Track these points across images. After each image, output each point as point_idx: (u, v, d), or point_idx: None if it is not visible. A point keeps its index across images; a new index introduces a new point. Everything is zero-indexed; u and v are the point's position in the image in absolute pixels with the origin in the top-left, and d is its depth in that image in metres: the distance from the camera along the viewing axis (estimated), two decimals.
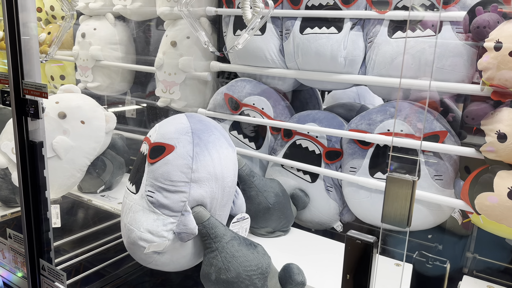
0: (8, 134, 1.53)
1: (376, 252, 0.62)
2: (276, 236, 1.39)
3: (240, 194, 1.25)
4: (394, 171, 1.21)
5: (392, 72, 1.25)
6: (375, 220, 1.33)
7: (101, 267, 1.37)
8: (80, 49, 1.97)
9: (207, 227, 1.05)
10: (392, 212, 0.59)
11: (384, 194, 0.60)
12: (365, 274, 0.63)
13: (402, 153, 1.24)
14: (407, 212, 0.57)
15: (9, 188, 1.60)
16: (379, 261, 0.63)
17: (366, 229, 1.42)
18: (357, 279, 0.64)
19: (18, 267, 1.30)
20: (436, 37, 1.14)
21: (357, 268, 0.64)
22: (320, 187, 1.41)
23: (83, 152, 1.55)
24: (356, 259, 0.63)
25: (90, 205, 1.68)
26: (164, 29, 1.76)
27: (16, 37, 1.02)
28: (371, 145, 1.29)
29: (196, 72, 1.66)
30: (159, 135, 1.09)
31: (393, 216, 0.59)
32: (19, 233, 1.24)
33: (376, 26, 1.28)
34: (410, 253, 1.27)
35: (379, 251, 0.62)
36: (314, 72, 1.38)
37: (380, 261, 0.63)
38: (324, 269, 1.21)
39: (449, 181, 1.22)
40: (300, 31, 1.37)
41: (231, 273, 1.01)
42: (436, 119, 1.23)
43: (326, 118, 1.41)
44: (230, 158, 1.13)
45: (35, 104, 1.03)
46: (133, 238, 1.05)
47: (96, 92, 2.00)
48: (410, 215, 0.58)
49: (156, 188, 1.04)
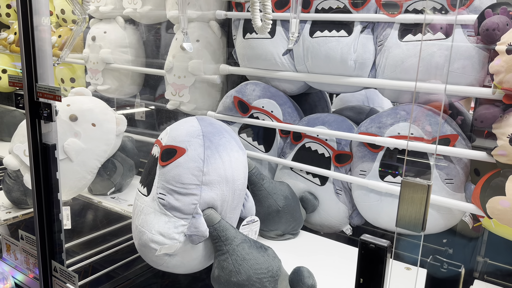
0: (20, 136, 1.54)
1: (389, 256, 0.62)
2: (285, 239, 1.40)
3: (250, 197, 1.25)
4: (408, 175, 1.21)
5: (402, 75, 1.24)
6: (385, 223, 1.33)
7: (111, 269, 1.38)
8: (91, 52, 1.99)
9: (217, 229, 1.06)
10: (407, 216, 0.59)
11: (399, 198, 0.60)
12: (378, 278, 0.63)
13: (413, 156, 1.23)
14: (422, 217, 0.57)
15: (20, 190, 1.61)
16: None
17: (373, 231, 1.42)
18: (370, 283, 0.64)
19: (30, 268, 1.31)
20: (452, 40, 1.14)
21: (370, 272, 0.64)
22: (330, 190, 1.41)
23: (94, 154, 1.56)
24: (370, 263, 0.63)
25: (100, 207, 1.69)
26: (173, 32, 1.78)
27: (30, 40, 1.04)
28: (381, 148, 1.29)
29: (205, 75, 1.66)
30: (171, 138, 1.10)
31: (408, 220, 0.59)
32: (31, 235, 1.25)
33: (386, 29, 1.28)
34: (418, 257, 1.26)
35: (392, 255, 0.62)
36: (324, 75, 1.38)
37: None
38: (334, 273, 1.21)
39: (460, 184, 1.21)
40: (309, 34, 1.37)
41: (242, 276, 1.02)
42: (447, 123, 1.23)
43: (336, 121, 1.41)
44: (240, 161, 1.14)
45: (48, 107, 1.04)
46: (144, 240, 1.06)
47: (106, 94, 2.02)
48: (425, 220, 0.58)
49: (168, 190, 1.05)
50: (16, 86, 1.14)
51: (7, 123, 2.46)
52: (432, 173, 1.19)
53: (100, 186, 1.70)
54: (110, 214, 1.65)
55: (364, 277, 0.64)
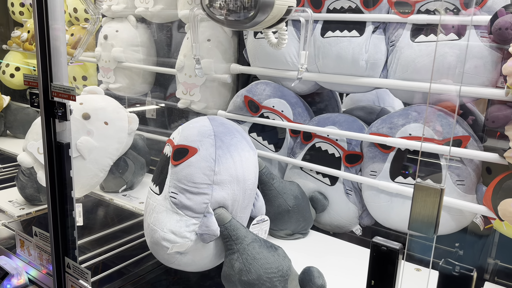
0: (34, 134, 1.57)
1: (401, 259, 0.63)
2: (295, 238, 1.40)
3: (260, 197, 1.26)
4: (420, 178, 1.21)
5: (414, 76, 1.24)
6: (395, 224, 1.33)
7: (121, 266, 1.39)
8: (103, 51, 2.01)
9: (228, 228, 1.07)
10: (420, 219, 0.59)
11: (412, 201, 0.61)
12: (390, 281, 0.63)
13: (424, 158, 1.23)
14: (434, 220, 0.58)
15: (33, 187, 1.64)
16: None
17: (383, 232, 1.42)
18: (382, 285, 0.64)
19: (43, 264, 1.33)
20: (467, 39, 1.13)
21: (382, 274, 0.64)
22: (340, 190, 1.41)
23: (106, 152, 1.58)
24: (381, 265, 0.63)
25: (111, 204, 1.71)
26: (185, 32, 1.79)
27: (46, 40, 1.05)
28: (392, 149, 1.29)
29: (216, 74, 1.67)
30: (182, 138, 1.11)
31: (421, 223, 0.59)
32: (45, 231, 1.27)
33: (398, 30, 1.27)
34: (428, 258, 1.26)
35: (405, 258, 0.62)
36: (335, 75, 1.38)
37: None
38: (344, 273, 1.21)
39: (471, 186, 1.21)
40: (321, 34, 1.37)
41: (252, 275, 1.02)
42: (459, 124, 1.22)
43: (347, 121, 1.41)
44: (251, 161, 1.15)
45: (63, 106, 1.06)
46: (156, 238, 1.07)
47: (117, 93, 2.04)
48: (438, 223, 0.58)
49: (179, 189, 1.06)
50: (31, 85, 1.16)
51: (20, 120, 2.50)
52: (444, 174, 1.19)
53: (112, 183, 1.72)
54: (122, 212, 1.67)
55: (376, 279, 0.65)
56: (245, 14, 0.97)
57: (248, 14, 0.96)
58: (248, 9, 0.96)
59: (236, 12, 0.98)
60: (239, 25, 1.01)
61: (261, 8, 0.94)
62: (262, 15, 0.95)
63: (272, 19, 0.98)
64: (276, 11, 0.97)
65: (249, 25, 0.98)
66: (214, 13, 1.01)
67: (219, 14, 1.01)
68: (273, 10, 0.95)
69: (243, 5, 0.96)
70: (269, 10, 0.95)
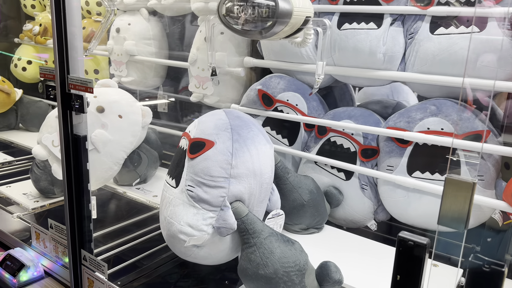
0: (48, 127, 1.57)
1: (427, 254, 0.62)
2: (310, 233, 1.39)
3: (275, 191, 1.25)
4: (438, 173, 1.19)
5: (433, 69, 1.22)
6: (411, 219, 1.31)
7: (136, 259, 1.40)
8: (115, 44, 2.00)
9: (245, 222, 1.06)
10: (450, 214, 0.58)
11: (442, 196, 0.60)
12: (416, 276, 0.62)
13: (442, 152, 1.21)
14: (465, 214, 0.57)
15: (48, 180, 1.65)
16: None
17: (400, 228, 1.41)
18: (407, 280, 0.63)
19: (59, 256, 1.34)
20: (503, 34, 1.11)
21: (408, 269, 0.63)
22: (355, 185, 1.40)
23: (120, 145, 1.58)
24: (407, 260, 0.63)
25: (125, 197, 1.72)
26: (198, 25, 1.77)
27: (63, 32, 1.05)
28: (410, 143, 1.27)
29: (229, 68, 1.66)
30: (199, 131, 1.10)
31: (451, 218, 0.58)
32: (61, 224, 1.28)
33: (417, 22, 1.25)
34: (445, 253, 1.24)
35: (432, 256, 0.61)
36: (352, 68, 1.36)
37: None
38: (360, 268, 1.21)
39: (490, 181, 1.19)
40: (337, 26, 1.35)
41: (269, 269, 1.02)
42: (478, 118, 1.20)
43: (363, 115, 1.40)
44: (268, 154, 1.14)
45: (80, 99, 1.05)
46: (173, 231, 1.07)
47: (129, 86, 2.04)
48: (469, 217, 0.57)
49: (196, 183, 1.06)
50: (47, 78, 1.15)
51: (33, 113, 2.51)
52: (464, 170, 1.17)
53: (125, 177, 1.72)
54: (135, 205, 1.67)
55: (401, 274, 0.64)
56: (262, 25, 0.95)
57: (265, 24, 0.95)
58: (265, 20, 0.94)
59: (253, 22, 0.97)
60: (256, 35, 1.00)
61: (278, 19, 0.92)
62: (279, 26, 0.94)
63: (289, 29, 0.97)
64: (293, 22, 0.95)
65: (267, 36, 0.97)
66: (230, 23, 1.00)
67: (236, 24, 1.00)
68: (291, 20, 0.94)
69: (260, 16, 0.95)
70: (286, 21, 0.94)
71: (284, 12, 0.92)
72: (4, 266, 1.36)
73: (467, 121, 1.19)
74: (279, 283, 1.01)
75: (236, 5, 0.97)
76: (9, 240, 1.52)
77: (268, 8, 0.92)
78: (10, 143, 2.38)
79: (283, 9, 0.91)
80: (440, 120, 1.21)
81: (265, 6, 0.93)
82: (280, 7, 0.91)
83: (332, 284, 1.05)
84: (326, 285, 1.05)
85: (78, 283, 1.26)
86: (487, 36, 1.14)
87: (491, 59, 1.13)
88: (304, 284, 1.03)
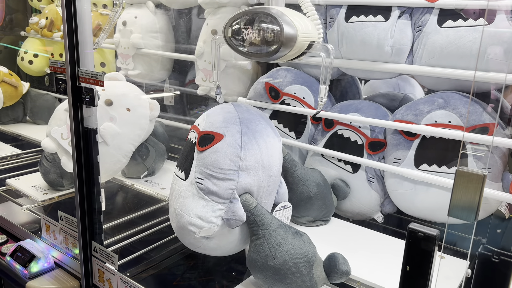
0: (57, 120, 1.58)
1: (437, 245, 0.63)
2: (317, 225, 1.41)
3: (283, 183, 1.26)
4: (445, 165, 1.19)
5: (441, 62, 1.22)
6: (418, 212, 1.32)
7: (145, 251, 1.41)
8: (121, 37, 2.01)
9: (254, 214, 1.07)
10: (460, 205, 0.59)
11: (453, 187, 0.60)
12: (425, 267, 0.63)
13: (449, 145, 1.22)
14: (476, 206, 0.57)
15: (57, 172, 1.66)
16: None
17: (407, 220, 1.42)
18: (417, 271, 0.64)
19: (69, 248, 1.36)
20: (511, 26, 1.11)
21: (418, 260, 0.64)
22: (362, 177, 1.41)
23: (128, 138, 1.59)
24: (417, 251, 0.64)
25: (133, 190, 1.73)
26: (204, 18, 1.78)
27: (73, 26, 1.06)
28: (417, 136, 1.27)
29: (236, 61, 1.66)
30: (208, 124, 1.11)
31: (461, 210, 0.59)
32: (71, 216, 1.29)
33: (425, 15, 1.25)
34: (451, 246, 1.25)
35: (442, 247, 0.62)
36: (359, 61, 1.36)
37: None
38: (367, 260, 1.22)
39: (497, 174, 1.19)
40: (345, 19, 1.35)
41: (278, 260, 1.03)
42: (485, 111, 1.21)
43: (370, 108, 1.40)
44: (276, 147, 1.15)
45: (91, 92, 1.06)
46: (182, 223, 1.08)
47: (136, 79, 2.04)
48: (479, 209, 0.58)
49: (206, 175, 1.07)
50: (57, 71, 1.16)
51: (40, 106, 2.53)
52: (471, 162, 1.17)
53: (133, 169, 1.74)
54: (143, 197, 1.69)
55: (411, 265, 0.65)
56: (267, 48, 0.98)
57: (270, 48, 0.97)
58: (270, 44, 0.97)
59: (258, 46, 0.99)
60: (261, 58, 1.03)
61: (284, 43, 0.95)
62: (284, 50, 0.96)
63: (294, 54, 1.00)
64: (298, 46, 0.98)
65: (272, 59, 1.00)
66: (236, 45, 1.03)
67: (241, 46, 1.02)
68: (296, 45, 0.96)
69: (265, 40, 0.97)
70: (292, 45, 0.96)
71: (289, 37, 0.94)
72: (15, 258, 1.39)
73: (474, 114, 1.19)
74: (288, 274, 1.03)
75: (242, 28, 0.99)
76: (19, 232, 1.54)
77: (274, 32, 0.95)
78: (18, 136, 2.40)
79: (288, 34, 0.94)
80: (447, 113, 1.22)
81: (270, 30, 0.95)
82: (285, 32, 0.94)
83: (340, 275, 1.06)
84: (334, 276, 1.06)
85: (89, 274, 1.28)
86: (495, 29, 1.14)
87: (500, 51, 1.13)
88: (312, 275, 1.04)
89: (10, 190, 1.78)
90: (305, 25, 0.98)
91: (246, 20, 0.98)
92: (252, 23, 0.98)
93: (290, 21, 0.94)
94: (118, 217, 1.57)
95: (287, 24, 0.94)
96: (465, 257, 1.14)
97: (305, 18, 1.02)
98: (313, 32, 1.02)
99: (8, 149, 2.21)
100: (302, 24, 0.97)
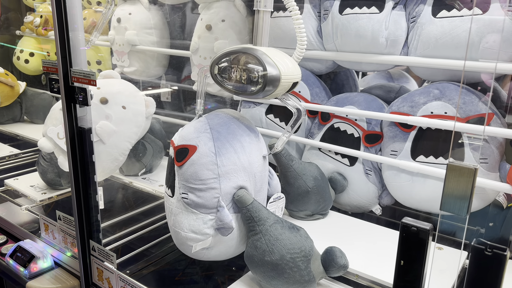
0: (53, 119, 1.58)
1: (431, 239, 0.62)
2: (315, 219, 1.41)
3: (274, 175, 1.25)
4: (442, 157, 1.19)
5: (436, 52, 1.21)
6: (416, 203, 1.32)
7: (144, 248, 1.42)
8: (116, 34, 1.99)
9: (250, 210, 1.07)
10: (452, 200, 0.58)
11: (444, 181, 0.60)
12: (420, 260, 0.63)
13: (445, 136, 1.21)
14: (467, 200, 0.57)
15: (54, 172, 1.66)
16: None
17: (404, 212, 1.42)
18: (412, 265, 0.64)
19: (68, 247, 1.36)
20: (505, 15, 1.10)
21: (411, 254, 0.64)
22: (359, 170, 1.40)
23: (125, 136, 1.59)
24: (411, 245, 0.63)
25: (131, 187, 1.73)
26: (198, 13, 1.76)
27: (64, 25, 1.05)
28: (413, 128, 1.27)
29: None
30: (181, 138, 1.10)
31: (453, 203, 0.58)
32: (69, 215, 1.30)
33: (419, 5, 1.24)
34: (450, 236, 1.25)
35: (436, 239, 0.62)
36: (354, 54, 1.36)
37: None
38: (365, 252, 1.22)
39: (494, 164, 1.19)
40: (339, 11, 1.34)
41: (275, 255, 1.03)
42: (482, 101, 1.20)
43: (366, 101, 1.40)
44: (253, 143, 1.13)
45: (83, 92, 1.06)
46: (180, 239, 1.10)
47: (132, 76, 2.04)
48: (470, 203, 0.58)
49: (188, 189, 1.06)
50: (49, 71, 1.16)
51: (37, 105, 2.52)
52: (467, 153, 1.17)
53: (131, 167, 1.74)
54: (142, 195, 1.69)
55: (405, 259, 0.65)
56: (251, 87, 1.03)
57: (254, 87, 1.02)
58: (255, 83, 1.02)
59: (243, 84, 1.04)
60: (246, 96, 1.09)
61: (267, 84, 1.00)
62: (269, 90, 1.01)
63: (278, 92, 1.04)
64: (282, 86, 1.02)
65: (256, 96, 1.05)
66: (221, 82, 1.08)
67: (227, 83, 1.07)
68: (279, 85, 1.01)
69: (250, 79, 1.02)
70: (276, 85, 1.01)
71: (272, 78, 1.00)
72: (15, 258, 1.39)
73: (470, 104, 1.18)
74: (285, 269, 1.03)
75: (228, 67, 1.05)
76: (18, 232, 1.54)
77: (258, 73, 1.00)
78: (16, 136, 2.40)
79: (271, 76, 0.99)
80: (443, 104, 1.21)
81: (255, 71, 1.00)
82: (269, 73, 0.99)
83: (338, 269, 1.06)
84: (331, 270, 1.06)
85: (88, 273, 1.28)
86: (489, 17, 1.13)
87: (494, 40, 1.12)
88: (310, 269, 1.04)
89: (9, 191, 1.78)
90: (287, 66, 1.03)
91: (231, 60, 1.04)
92: (237, 63, 1.03)
93: (272, 63, 1.00)
94: (117, 215, 1.57)
95: (270, 65, 0.99)
96: (464, 248, 1.14)
97: (289, 58, 1.07)
98: (296, 73, 1.06)
99: (6, 149, 2.21)
100: (285, 65, 1.02)
